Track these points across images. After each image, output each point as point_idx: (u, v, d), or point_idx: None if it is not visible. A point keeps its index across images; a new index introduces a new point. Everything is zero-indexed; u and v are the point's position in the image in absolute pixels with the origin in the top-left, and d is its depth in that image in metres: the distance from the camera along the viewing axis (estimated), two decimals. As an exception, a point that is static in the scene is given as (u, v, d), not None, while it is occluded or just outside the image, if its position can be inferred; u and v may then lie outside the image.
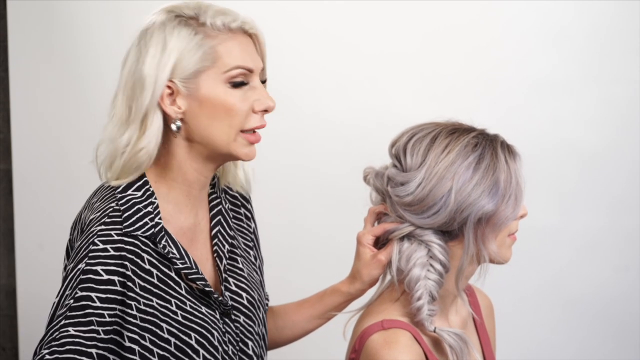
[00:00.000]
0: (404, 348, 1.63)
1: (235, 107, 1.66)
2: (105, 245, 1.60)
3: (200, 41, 1.64)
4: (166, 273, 1.65)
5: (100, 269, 1.59)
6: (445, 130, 1.67)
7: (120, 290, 1.60)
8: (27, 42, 2.84)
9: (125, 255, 1.61)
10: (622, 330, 2.76)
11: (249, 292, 1.78)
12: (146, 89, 1.63)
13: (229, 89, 1.66)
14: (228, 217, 1.83)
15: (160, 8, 1.71)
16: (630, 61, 2.65)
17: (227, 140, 1.67)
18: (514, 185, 1.66)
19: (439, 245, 1.67)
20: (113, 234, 1.61)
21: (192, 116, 1.66)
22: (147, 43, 1.65)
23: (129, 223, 1.63)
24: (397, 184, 1.67)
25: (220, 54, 1.65)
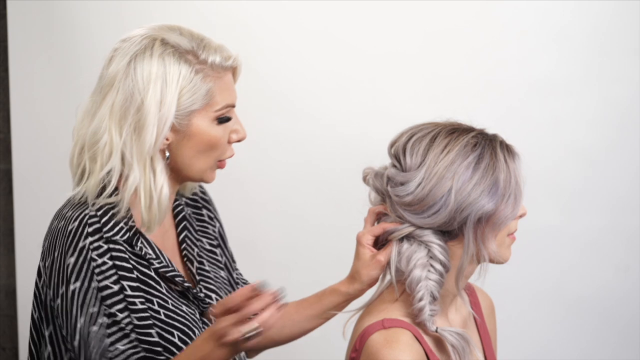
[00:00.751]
0: (405, 347, 1.63)
1: (220, 142, 1.71)
2: (103, 259, 1.63)
3: (199, 82, 1.67)
4: (146, 273, 1.68)
5: (109, 283, 1.63)
6: (445, 130, 1.67)
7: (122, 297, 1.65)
8: (27, 42, 2.83)
9: (117, 263, 1.65)
10: (623, 330, 2.76)
11: (217, 293, 1.82)
12: (149, 128, 1.64)
13: (216, 125, 1.70)
14: (192, 221, 1.87)
15: (150, 34, 1.69)
16: (630, 61, 2.65)
17: (205, 170, 1.73)
18: (513, 185, 1.66)
19: (439, 245, 1.67)
20: (102, 244, 1.64)
21: (177, 147, 1.69)
22: (144, 76, 1.65)
23: (108, 228, 1.65)
24: (397, 184, 1.67)
25: (214, 94, 1.69)
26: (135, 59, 1.65)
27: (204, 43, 1.69)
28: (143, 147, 1.64)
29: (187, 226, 1.84)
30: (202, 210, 1.92)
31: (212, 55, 1.68)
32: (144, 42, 1.67)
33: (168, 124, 1.65)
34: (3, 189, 2.94)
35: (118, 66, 1.66)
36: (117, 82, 1.65)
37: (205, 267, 1.84)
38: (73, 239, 1.63)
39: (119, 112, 1.65)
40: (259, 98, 2.77)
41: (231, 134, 1.73)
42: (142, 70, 1.64)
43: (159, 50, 1.66)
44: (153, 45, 1.66)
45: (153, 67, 1.64)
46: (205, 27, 2.74)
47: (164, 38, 1.67)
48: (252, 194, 2.81)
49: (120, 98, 1.65)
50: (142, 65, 1.65)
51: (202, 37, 1.71)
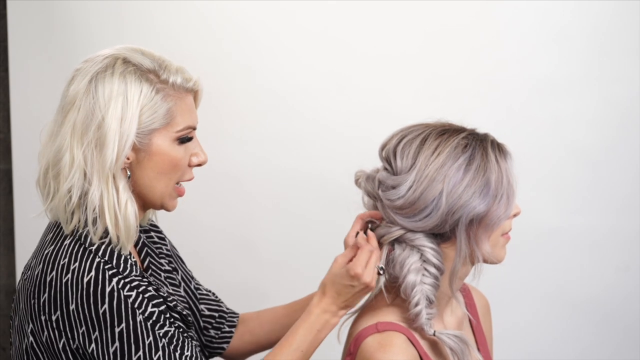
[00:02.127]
0: (399, 350, 1.63)
1: (180, 162, 1.71)
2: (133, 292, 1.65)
3: (160, 101, 1.67)
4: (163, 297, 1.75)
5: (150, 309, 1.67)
6: (435, 131, 1.66)
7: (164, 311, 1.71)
8: (27, 42, 2.84)
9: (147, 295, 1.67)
10: (623, 331, 2.75)
11: (189, 310, 1.89)
12: (110, 145, 1.64)
13: (176, 146, 1.71)
14: (151, 247, 1.87)
15: (112, 53, 1.71)
16: (630, 61, 2.64)
17: (164, 192, 1.72)
18: (505, 185, 1.65)
19: (432, 248, 1.67)
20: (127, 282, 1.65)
21: (138, 167, 1.69)
22: (105, 93, 1.65)
23: (122, 268, 1.67)
24: (388, 188, 1.67)
25: (175, 114, 1.69)
26: (97, 78, 1.66)
27: (165, 64, 1.70)
28: (104, 164, 1.65)
29: (149, 252, 1.85)
30: (150, 232, 1.92)
31: (173, 76, 1.69)
32: (106, 61, 1.68)
33: (130, 141, 1.65)
34: (3, 189, 2.94)
35: (79, 85, 1.67)
36: (78, 100, 1.66)
37: (169, 290, 1.85)
38: (96, 288, 1.63)
39: (80, 130, 1.65)
40: (259, 98, 2.77)
41: (192, 157, 1.74)
42: (104, 88, 1.65)
43: (121, 69, 1.67)
44: (115, 64, 1.67)
45: (114, 85, 1.65)
46: (205, 27, 2.76)
47: (125, 57, 1.69)
48: (251, 194, 2.81)
49: (82, 116, 1.65)
50: (104, 83, 1.66)
51: (164, 59, 1.72)
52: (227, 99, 2.78)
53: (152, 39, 2.75)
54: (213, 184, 2.79)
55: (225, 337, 1.99)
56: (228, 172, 2.79)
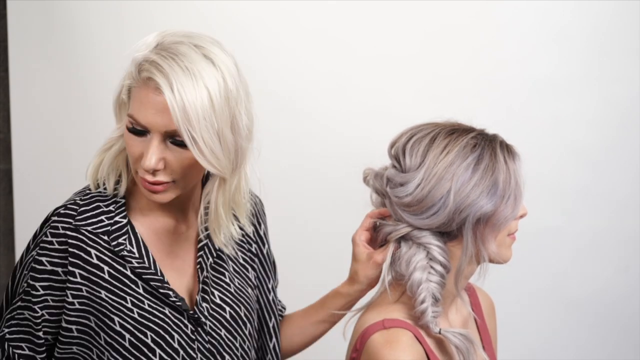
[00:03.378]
0: (406, 347, 1.63)
1: (130, 149, 1.64)
2: (52, 238, 1.66)
3: (130, 77, 1.64)
4: (120, 270, 1.68)
5: (45, 260, 1.66)
6: (444, 130, 1.67)
7: (63, 279, 1.67)
8: (27, 42, 2.83)
9: (67, 248, 1.66)
10: (623, 331, 2.76)
11: (233, 307, 1.78)
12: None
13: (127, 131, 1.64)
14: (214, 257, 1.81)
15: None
16: (630, 61, 2.65)
17: (133, 173, 1.68)
18: (513, 186, 1.66)
19: (438, 246, 1.67)
20: (59, 227, 1.67)
21: None
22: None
23: (82, 217, 1.68)
24: (396, 185, 1.67)
25: (131, 97, 1.65)
26: None
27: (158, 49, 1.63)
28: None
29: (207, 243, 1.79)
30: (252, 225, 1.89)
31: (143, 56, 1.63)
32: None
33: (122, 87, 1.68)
34: (3, 189, 2.94)
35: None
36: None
37: (224, 279, 1.79)
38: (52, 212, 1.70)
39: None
40: (259, 98, 2.76)
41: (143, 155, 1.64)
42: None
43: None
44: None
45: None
46: (205, 28, 2.73)
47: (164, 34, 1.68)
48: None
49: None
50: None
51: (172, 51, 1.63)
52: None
53: (152, 39, 2.75)
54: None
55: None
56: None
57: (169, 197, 1.67)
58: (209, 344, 1.73)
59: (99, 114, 2.80)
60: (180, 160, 1.63)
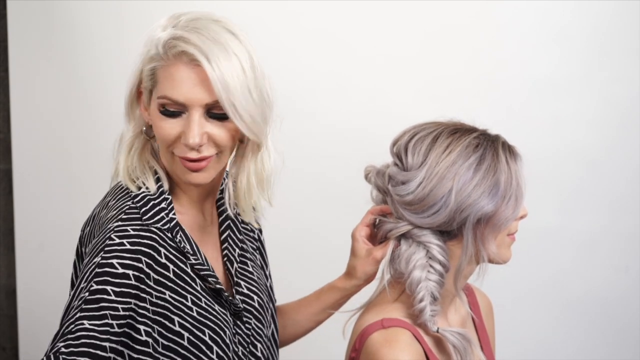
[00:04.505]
0: (405, 347, 1.63)
1: (163, 133, 1.62)
2: (122, 240, 1.59)
3: (153, 60, 1.62)
4: (182, 268, 1.65)
5: (115, 262, 1.57)
6: (447, 130, 1.67)
7: (134, 284, 1.58)
8: (27, 42, 2.84)
9: (141, 249, 1.60)
10: (622, 331, 2.76)
11: (259, 295, 1.79)
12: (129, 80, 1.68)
13: (160, 115, 1.62)
14: (237, 222, 1.83)
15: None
16: (630, 61, 2.65)
17: (168, 159, 1.66)
18: (514, 186, 1.66)
19: (438, 245, 1.67)
20: (129, 229, 1.60)
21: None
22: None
23: (148, 216, 1.63)
24: (398, 183, 1.67)
25: (159, 79, 1.62)
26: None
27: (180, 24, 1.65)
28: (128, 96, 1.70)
29: (230, 225, 1.80)
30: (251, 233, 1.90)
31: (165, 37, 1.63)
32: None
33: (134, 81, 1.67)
34: (3, 189, 2.94)
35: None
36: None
37: (248, 269, 1.80)
38: (106, 226, 1.61)
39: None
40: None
41: (182, 135, 1.63)
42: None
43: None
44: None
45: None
46: (205, 27, 2.76)
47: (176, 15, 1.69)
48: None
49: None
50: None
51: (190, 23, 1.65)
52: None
53: (152, 39, 2.76)
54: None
55: None
56: (228, 171, 2.79)
57: (210, 175, 1.66)
58: (245, 335, 1.74)
59: (99, 114, 2.80)
60: (220, 131, 1.63)
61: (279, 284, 2.67)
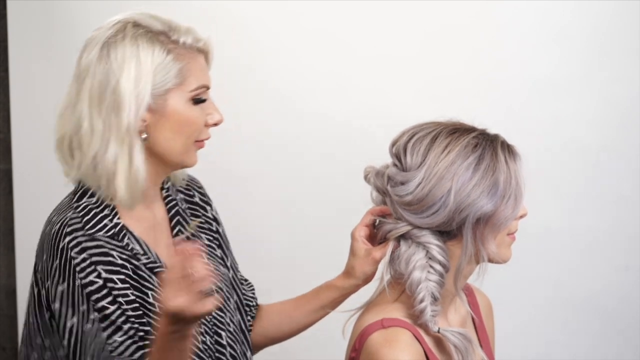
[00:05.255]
0: (405, 347, 1.63)
1: (196, 122, 1.73)
2: (82, 255, 1.65)
3: (171, 61, 1.70)
4: (138, 266, 1.71)
5: (92, 278, 1.65)
6: (446, 130, 1.68)
7: (116, 288, 1.67)
8: (27, 42, 2.83)
9: (96, 259, 1.66)
10: (623, 331, 2.76)
11: (218, 286, 1.83)
12: (126, 107, 1.68)
13: (191, 106, 1.73)
14: (187, 217, 1.89)
15: (122, 18, 1.75)
16: (630, 61, 2.65)
17: (183, 151, 1.74)
18: (513, 186, 1.66)
19: (437, 246, 1.67)
20: (81, 241, 1.67)
21: (154, 129, 1.72)
22: (117, 57, 1.69)
23: (90, 225, 1.69)
24: (397, 183, 1.67)
25: (187, 74, 1.71)
26: (108, 43, 1.71)
27: (174, 25, 1.74)
28: (121, 126, 1.68)
29: (180, 221, 1.86)
30: (207, 206, 1.97)
31: (183, 36, 1.73)
32: (116, 26, 1.73)
33: (145, 101, 1.68)
34: (3, 189, 2.94)
35: (92, 53, 1.72)
36: (92, 67, 1.70)
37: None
38: (55, 241, 1.67)
39: (97, 96, 1.69)
40: (260, 98, 2.77)
41: (207, 117, 1.76)
42: (116, 52, 1.69)
43: (131, 32, 1.71)
44: (125, 28, 1.72)
45: (126, 48, 1.69)
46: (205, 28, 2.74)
47: (135, 20, 1.73)
48: (252, 194, 2.81)
49: (97, 83, 1.69)
50: (116, 48, 1.70)
51: (173, 21, 1.76)
52: (227, 99, 2.77)
53: (153, 39, 2.75)
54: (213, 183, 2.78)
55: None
56: (228, 171, 2.79)
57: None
58: (209, 325, 1.80)
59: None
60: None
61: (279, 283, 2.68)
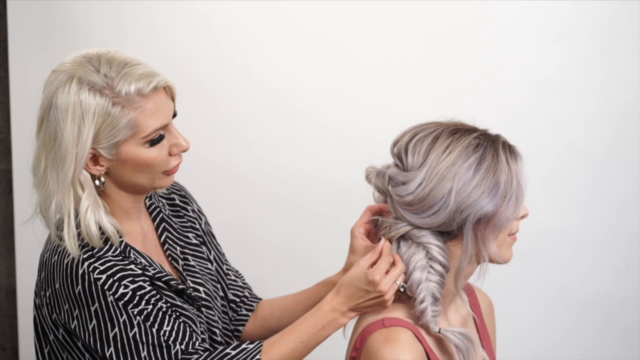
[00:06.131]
0: (406, 346, 1.63)
1: (155, 161, 1.76)
2: (104, 275, 1.72)
3: (118, 114, 1.71)
4: (150, 277, 1.78)
5: (122, 291, 1.72)
6: (447, 130, 1.67)
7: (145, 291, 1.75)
8: (27, 42, 2.83)
9: (118, 276, 1.73)
10: (623, 331, 2.75)
11: (204, 285, 1.91)
12: (67, 163, 1.72)
13: (147, 148, 1.75)
14: (171, 220, 1.95)
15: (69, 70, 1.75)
16: (630, 61, 2.65)
17: (151, 183, 1.78)
18: (514, 186, 1.66)
19: (437, 246, 1.67)
20: (98, 266, 1.72)
21: (115, 171, 1.76)
22: (63, 112, 1.71)
23: (100, 250, 1.74)
24: (398, 183, 1.67)
25: (139, 122, 1.73)
26: (57, 94, 1.73)
27: (122, 73, 1.73)
28: (64, 178, 1.72)
29: (166, 227, 1.92)
30: (189, 206, 2.01)
31: (127, 86, 1.71)
32: (64, 77, 1.74)
33: (84, 159, 1.72)
34: (3, 189, 2.94)
35: (47, 97, 1.75)
36: (45, 117, 1.74)
37: (190, 263, 1.92)
38: (71, 270, 1.72)
39: (49, 146, 1.73)
40: (260, 98, 2.77)
41: (172, 148, 1.78)
42: (62, 106, 1.71)
43: (75, 89, 1.72)
44: (71, 82, 1.73)
45: (70, 105, 1.71)
46: (205, 28, 2.76)
47: (80, 76, 1.73)
48: (252, 194, 2.81)
49: (49, 132, 1.73)
50: (63, 101, 1.72)
51: (124, 65, 1.74)
52: (227, 99, 2.78)
53: (152, 39, 2.75)
54: (213, 182, 2.79)
55: (242, 319, 2.05)
56: (228, 170, 2.79)
57: None
58: (206, 324, 1.89)
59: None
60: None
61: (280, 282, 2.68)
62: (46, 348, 1.81)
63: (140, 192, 1.82)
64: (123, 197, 1.80)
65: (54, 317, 1.76)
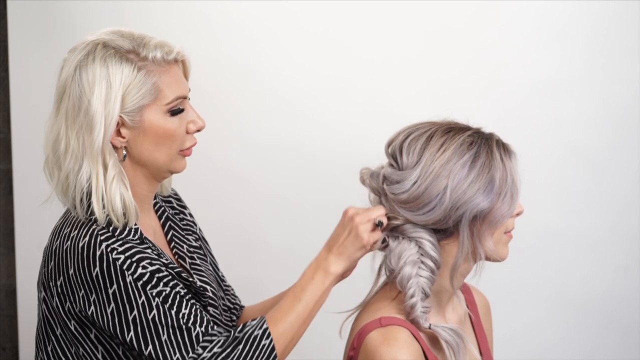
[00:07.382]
0: (403, 345, 1.63)
1: (175, 133, 1.78)
2: (123, 256, 1.71)
3: (143, 78, 1.75)
4: (164, 263, 1.79)
5: (141, 271, 1.71)
6: (441, 129, 1.68)
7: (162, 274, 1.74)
8: (27, 42, 2.84)
9: (136, 257, 1.73)
10: (623, 331, 2.75)
11: (210, 285, 1.92)
12: (97, 127, 1.73)
13: (169, 117, 1.78)
14: (177, 220, 1.96)
15: (92, 39, 1.78)
16: (630, 61, 2.65)
17: (168, 161, 1.80)
18: (509, 183, 1.66)
19: (429, 241, 1.67)
20: (117, 247, 1.72)
21: (135, 144, 1.78)
22: (89, 79, 1.74)
23: (119, 232, 1.75)
24: (393, 182, 1.68)
25: (161, 88, 1.76)
26: (80, 65, 1.75)
27: (144, 41, 1.78)
28: (93, 145, 1.73)
29: (172, 225, 1.94)
30: (185, 210, 2.02)
31: (152, 52, 1.76)
32: (87, 48, 1.77)
33: (114, 121, 1.74)
34: (3, 189, 2.94)
35: (66, 74, 1.77)
36: (67, 89, 1.77)
37: (197, 262, 1.93)
38: (89, 252, 1.71)
39: (72, 117, 1.75)
40: (260, 98, 2.77)
41: (188, 125, 1.81)
42: (87, 74, 1.74)
43: (101, 54, 1.75)
44: (95, 49, 1.76)
45: (96, 70, 1.74)
46: (205, 28, 2.76)
47: (105, 42, 1.76)
48: (252, 194, 2.81)
49: (71, 103, 1.75)
50: (87, 70, 1.74)
51: (144, 36, 1.79)
52: (228, 99, 2.79)
53: (152, 39, 2.76)
54: (213, 182, 2.79)
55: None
56: (228, 170, 2.79)
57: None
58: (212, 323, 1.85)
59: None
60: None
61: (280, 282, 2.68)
62: (49, 345, 1.79)
63: (156, 175, 1.82)
64: (140, 182, 1.81)
65: (67, 307, 1.75)
